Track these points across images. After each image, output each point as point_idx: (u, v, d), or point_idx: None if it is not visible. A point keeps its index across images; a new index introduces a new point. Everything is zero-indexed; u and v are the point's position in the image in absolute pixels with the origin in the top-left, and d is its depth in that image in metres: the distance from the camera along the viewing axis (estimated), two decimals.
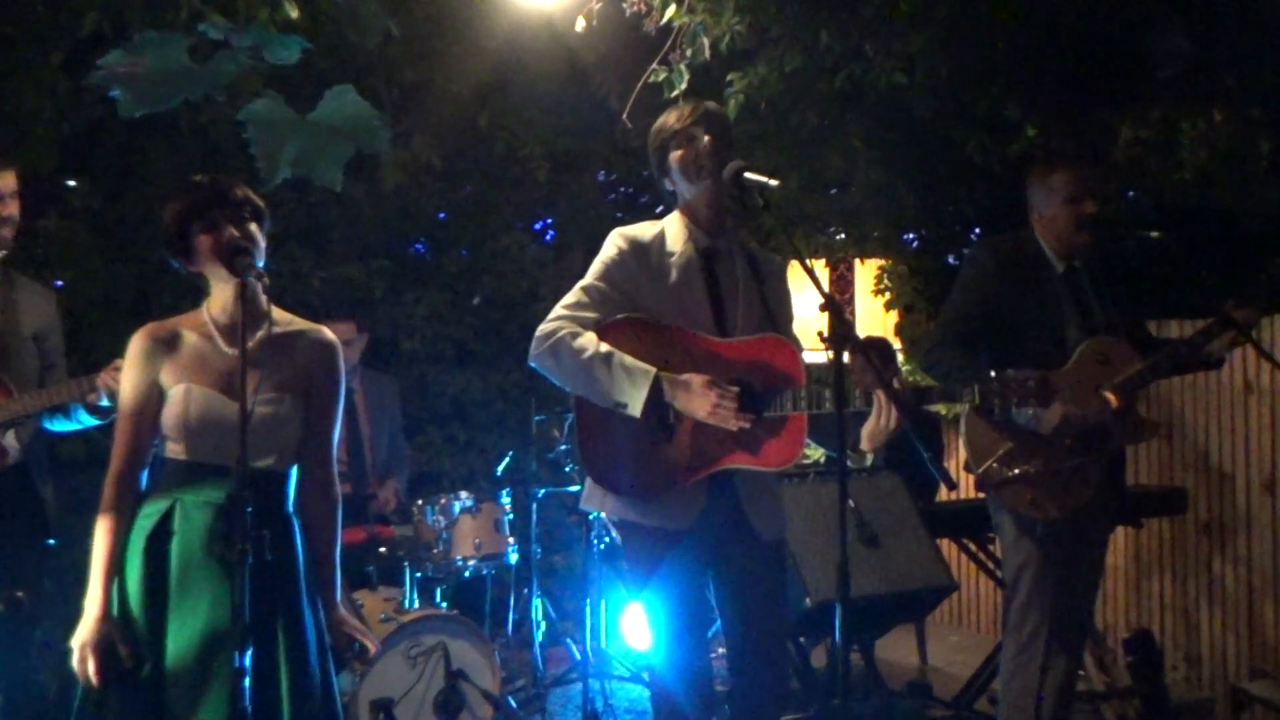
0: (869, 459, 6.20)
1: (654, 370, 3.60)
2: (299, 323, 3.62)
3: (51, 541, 4.66)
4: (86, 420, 4.35)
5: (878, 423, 3.66)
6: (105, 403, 4.08)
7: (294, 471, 3.55)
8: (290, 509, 3.53)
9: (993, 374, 3.65)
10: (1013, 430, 4.47)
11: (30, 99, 5.72)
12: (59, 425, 4.45)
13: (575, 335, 3.71)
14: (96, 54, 5.85)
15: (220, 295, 3.49)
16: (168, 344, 3.45)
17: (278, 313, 3.54)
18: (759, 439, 3.71)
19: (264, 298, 3.42)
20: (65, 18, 5.52)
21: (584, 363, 3.67)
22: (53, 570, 4.88)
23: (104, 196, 6.46)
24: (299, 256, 7.09)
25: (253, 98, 3.77)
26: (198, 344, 3.46)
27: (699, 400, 3.60)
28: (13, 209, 4.51)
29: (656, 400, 3.61)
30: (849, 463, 4.48)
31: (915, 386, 3.72)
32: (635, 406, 3.60)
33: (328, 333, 3.65)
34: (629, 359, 3.64)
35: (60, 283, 6.52)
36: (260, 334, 3.43)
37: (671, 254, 3.86)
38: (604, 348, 3.66)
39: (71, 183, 6.54)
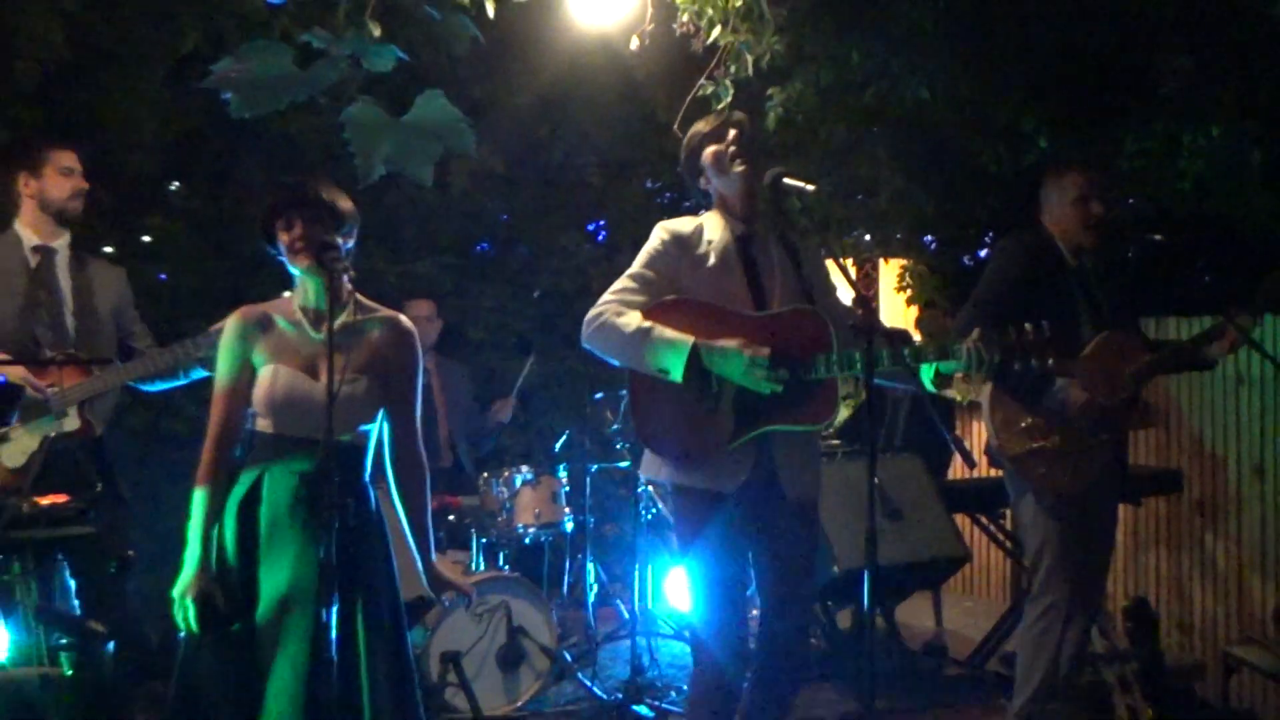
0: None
1: (691, 339, 3.58)
2: (379, 310, 3.59)
3: (128, 498, 4.63)
4: (198, 374, 4.29)
5: None
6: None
7: (371, 445, 3.51)
8: (368, 479, 3.50)
9: (1026, 326, 3.63)
10: (1035, 408, 4.48)
11: (137, 110, 5.71)
12: (159, 386, 4.40)
13: (620, 314, 3.70)
14: (195, 70, 5.88)
15: (304, 285, 3.46)
16: (261, 326, 3.43)
17: (359, 299, 3.54)
18: (796, 402, 3.67)
19: (347, 287, 3.43)
20: (167, 37, 5.51)
21: (628, 337, 3.66)
22: (153, 534, 4.87)
23: (202, 198, 6.46)
24: (375, 253, 7.08)
25: (350, 102, 3.75)
26: (286, 328, 3.44)
27: (734, 361, 3.57)
28: (81, 183, 4.47)
29: (696, 367, 3.59)
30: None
31: (939, 344, 3.66)
32: (676, 372, 3.58)
33: (404, 320, 3.62)
34: (669, 331, 3.63)
35: (164, 275, 6.52)
36: (343, 320, 3.38)
37: (710, 241, 3.84)
38: (646, 323, 3.65)
39: (173, 185, 6.53)
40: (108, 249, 5.85)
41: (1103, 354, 4.48)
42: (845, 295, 4.31)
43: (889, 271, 7.47)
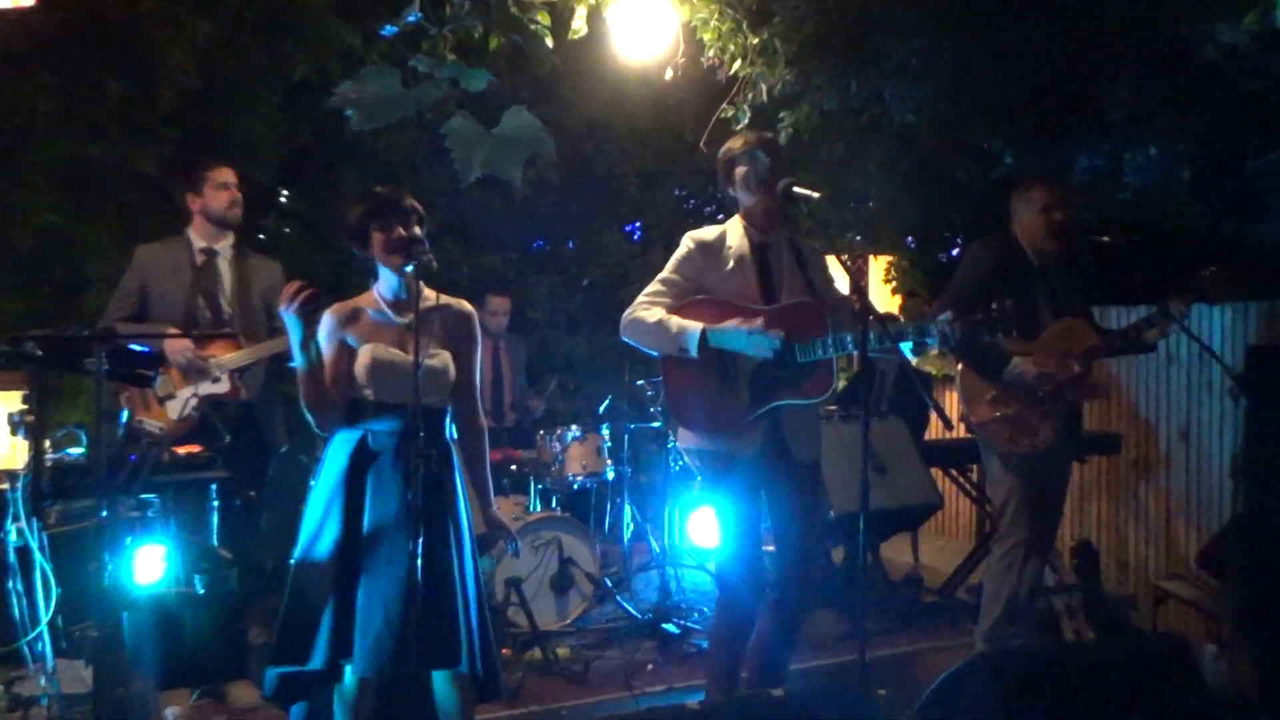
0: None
1: (701, 324, 3.66)
2: (445, 297, 3.60)
3: (284, 449, 4.67)
4: None
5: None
6: None
7: (449, 408, 3.55)
8: (449, 436, 3.54)
9: (993, 304, 3.65)
10: (998, 382, 4.49)
11: (255, 130, 5.74)
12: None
13: (647, 310, 3.77)
14: (305, 96, 5.91)
15: (386, 278, 3.49)
16: (349, 318, 3.46)
17: (428, 291, 3.53)
18: (799, 379, 3.71)
19: (420, 281, 3.42)
20: (280, 69, 5.53)
21: (653, 326, 3.73)
22: (274, 478, 4.90)
23: (308, 202, 6.47)
24: (451, 248, 7.10)
25: (449, 117, 3.77)
26: (373, 315, 3.47)
27: (736, 335, 3.64)
28: (236, 194, 4.57)
29: (707, 346, 3.65)
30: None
31: (918, 325, 3.69)
32: (692, 348, 3.65)
33: (465, 304, 3.65)
34: (686, 320, 3.71)
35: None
36: (421, 306, 3.40)
37: (730, 248, 3.86)
38: (666, 315, 3.73)
39: (284, 192, 6.54)
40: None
41: (1059, 338, 4.49)
42: (845, 287, 4.30)
43: (877, 266, 7.43)
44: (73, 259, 5.65)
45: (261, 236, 6.39)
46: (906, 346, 3.71)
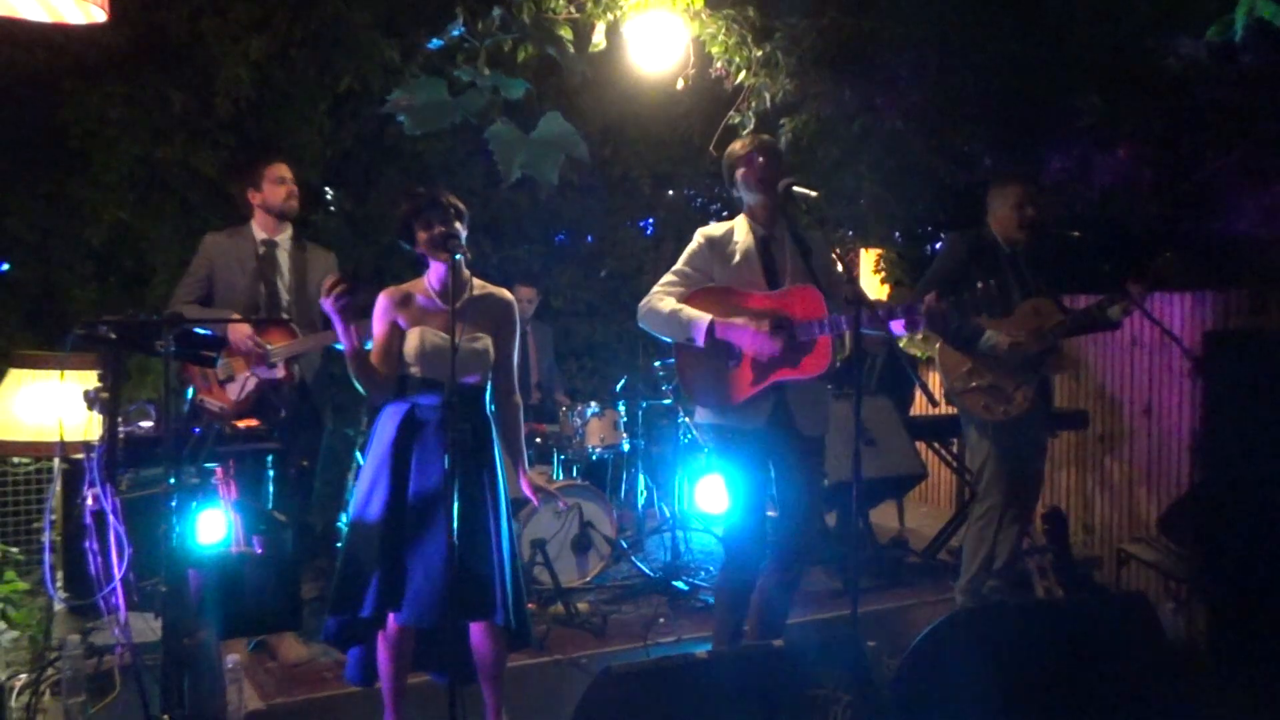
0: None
1: (710, 316, 3.66)
2: (489, 287, 3.64)
3: (329, 428, 4.67)
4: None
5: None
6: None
7: (489, 386, 3.58)
8: (488, 411, 3.57)
9: (978, 284, 3.65)
10: (973, 356, 4.51)
11: (304, 135, 5.74)
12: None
13: (660, 300, 3.78)
14: (349, 105, 5.90)
15: (435, 269, 3.51)
16: (401, 302, 3.49)
17: (475, 280, 3.57)
18: (798, 357, 3.70)
19: (466, 270, 3.48)
20: (328, 80, 5.52)
21: (666, 316, 3.74)
22: (323, 450, 4.92)
23: (353, 200, 6.46)
24: (483, 243, 7.08)
25: (492, 123, 3.78)
26: (423, 301, 3.51)
27: (742, 333, 3.65)
28: (293, 188, 4.54)
29: (715, 337, 3.66)
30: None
31: (905, 305, 3.71)
32: (699, 338, 3.66)
33: (507, 293, 3.68)
34: (695, 310, 3.70)
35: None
36: (465, 295, 3.44)
37: (736, 243, 3.86)
38: (678, 305, 3.73)
39: (330, 191, 6.54)
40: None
41: (1029, 315, 4.51)
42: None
43: (868, 258, 7.39)
44: (140, 251, 5.67)
45: (310, 232, 6.41)
46: (897, 326, 3.71)
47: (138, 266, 5.74)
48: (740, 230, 3.89)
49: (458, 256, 3.33)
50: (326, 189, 6.49)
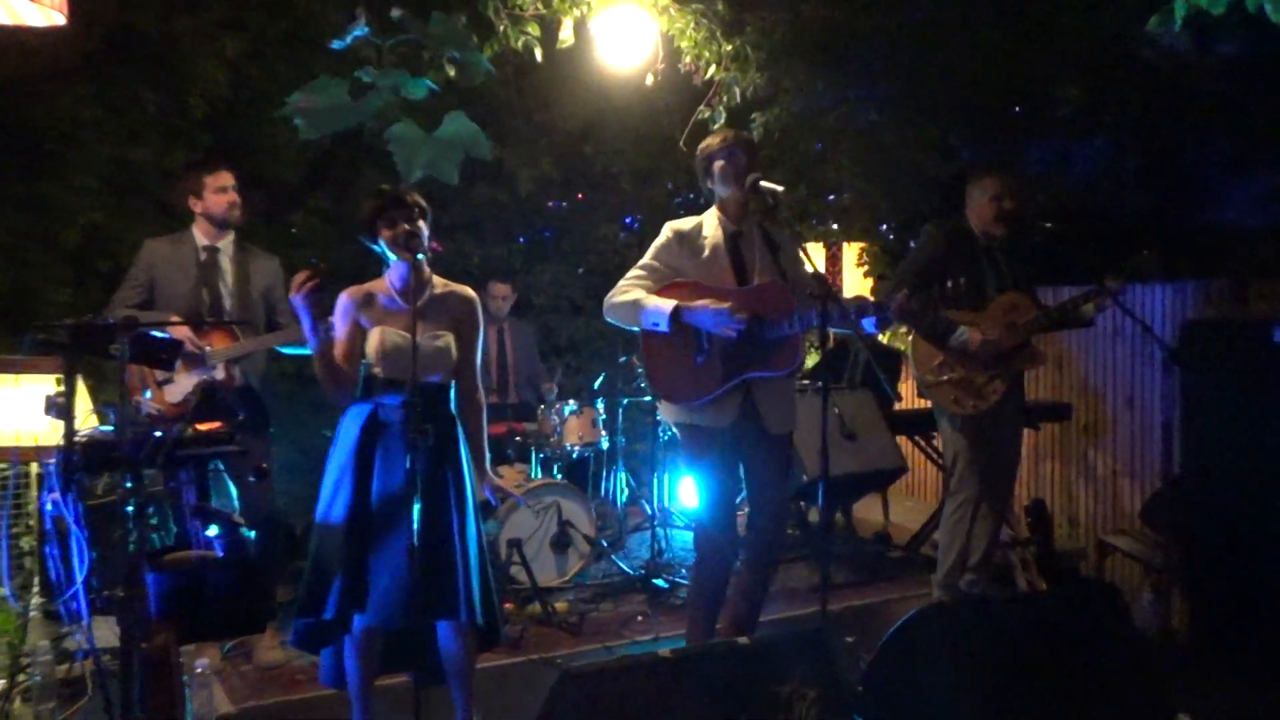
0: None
1: (674, 302, 3.64)
2: (451, 285, 3.60)
3: (272, 431, 4.62)
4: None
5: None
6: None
7: (453, 385, 3.55)
8: (452, 410, 3.53)
9: (948, 282, 3.61)
10: (945, 349, 4.48)
11: (282, 135, 5.70)
12: (291, 351, 4.40)
13: (625, 292, 3.77)
14: None
15: (396, 268, 3.48)
16: (362, 302, 3.46)
17: (435, 278, 3.54)
18: (767, 354, 3.67)
19: (427, 269, 3.46)
20: (302, 78, 5.47)
21: (630, 305, 3.72)
22: (298, 448, 4.87)
23: (333, 199, 6.43)
24: (464, 240, 7.05)
25: (392, 123, 3.73)
26: (384, 301, 3.48)
27: (705, 315, 3.61)
28: (234, 197, 4.46)
29: (679, 323, 3.63)
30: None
31: (879, 302, 3.65)
32: (663, 324, 3.63)
33: (469, 291, 3.63)
34: (660, 299, 3.69)
35: (315, 260, 6.50)
36: (426, 293, 3.41)
37: (705, 237, 3.83)
38: (643, 295, 3.71)
39: (312, 191, 6.50)
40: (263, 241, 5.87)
41: (1003, 309, 4.49)
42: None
43: (851, 252, 7.37)
44: (116, 254, 5.62)
45: (293, 230, 6.37)
46: (869, 323, 3.66)
47: (114, 269, 5.68)
48: (709, 225, 3.86)
49: (420, 256, 3.30)
50: (309, 189, 6.45)
